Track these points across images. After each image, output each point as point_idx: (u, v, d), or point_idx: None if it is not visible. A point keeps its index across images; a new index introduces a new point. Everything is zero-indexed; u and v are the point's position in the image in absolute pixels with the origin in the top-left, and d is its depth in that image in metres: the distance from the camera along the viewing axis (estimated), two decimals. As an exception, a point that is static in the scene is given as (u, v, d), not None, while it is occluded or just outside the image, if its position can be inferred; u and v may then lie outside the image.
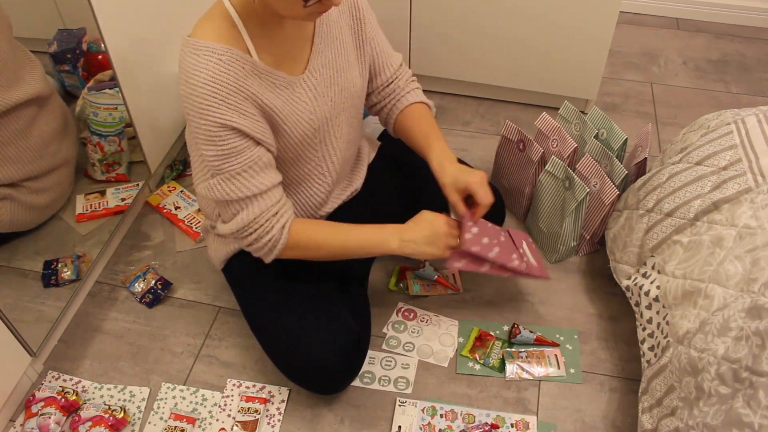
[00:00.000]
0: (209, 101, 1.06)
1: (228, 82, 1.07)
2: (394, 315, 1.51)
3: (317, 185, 1.32)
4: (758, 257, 1.09)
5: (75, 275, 1.52)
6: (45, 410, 1.29)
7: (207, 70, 1.05)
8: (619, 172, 1.53)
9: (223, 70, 1.06)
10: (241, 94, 1.09)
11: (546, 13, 1.83)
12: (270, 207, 1.17)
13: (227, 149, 1.10)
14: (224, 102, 1.07)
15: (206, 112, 1.06)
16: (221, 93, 1.06)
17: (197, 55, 1.06)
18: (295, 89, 1.18)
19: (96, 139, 1.64)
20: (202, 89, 1.05)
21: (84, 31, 1.64)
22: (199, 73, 1.05)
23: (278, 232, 1.18)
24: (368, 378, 1.39)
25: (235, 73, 1.08)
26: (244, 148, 1.11)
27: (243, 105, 1.09)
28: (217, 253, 1.38)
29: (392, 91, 1.40)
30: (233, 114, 1.08)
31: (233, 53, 1.07)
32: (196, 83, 1.05)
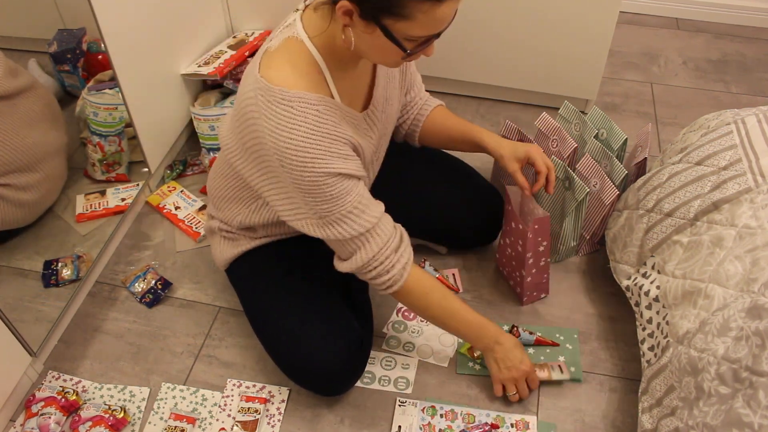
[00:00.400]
0: (313, 154, 1.04)
1: (328, 132, 1.06)
2: (394, 315, 1.51)
3: None
4: (758, 257, 1.09)
5: (75, 275, 1.52)
6: (45, 410, 1.30)
7: (307, 124, 1.03)
8: (619, 172, 1.53)
9: (322, 120, 1.05)
10: (341, 140, 1.08)
11: (546, 13, 1.83)
12: (387, 242, 1.16)
13: (335, 194, 1.09)
14: (328, 152, 1.06)
15: (311, 164, 1.05)
16: (324, 144, 1.05)
17: (291, 107, 1.02)
18: (362, 125, 1.18)
19: (96, 139, 1.64)
20: (303, 143, 1.03)
21: (84, 31, 1.64)
22: (299, 127, 1.03)
23: (399, 272, 1.18)
24: (368, 378, 1.39)
25: (332, 121, 1.07)
26: (350, 188, 1.10)
27: (343, 150, 1.09)
28: (223, 254, 1.37)
29: (410, 101, 1.42)
30: (337, 161, 1.07)
31: (326, 102, 1.06)
32: (296, 138, 1.03)
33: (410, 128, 1.45)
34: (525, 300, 1.52)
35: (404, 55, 1.00)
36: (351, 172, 1.10)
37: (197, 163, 1.88)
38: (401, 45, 0.98)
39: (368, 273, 1.18)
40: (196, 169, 1.87)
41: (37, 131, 1.51)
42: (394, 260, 1.17)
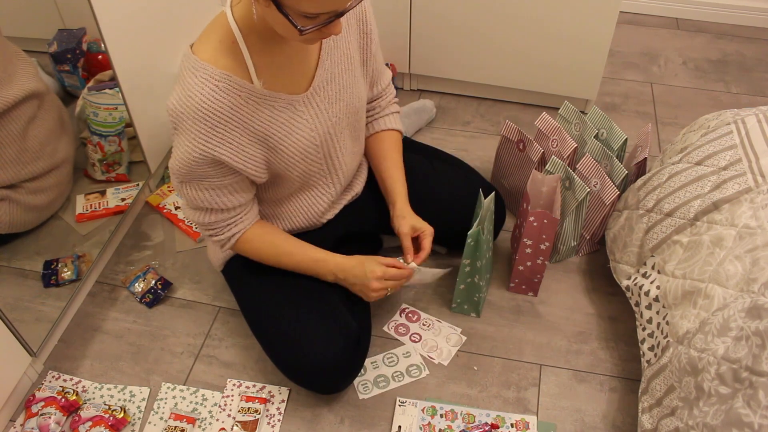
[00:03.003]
0: (197, 127, 1.06)
1: (220, 111, 1.07)
2: (398, 316, 1.51)
3: (321, 196, 1.33)
4: (758, 257, 1.09)
5: (75, 275, 1.52)
6: (45, 410, 1.29)
7: (202, 95, 1.05)
8: (619, 172, 1.53)
9: (217, 97, 1.06)
10: (232, 124, 1.09)
11: (546, 13, 1.83)
12: (226, 219, 1.22)
13: (197, 172, 1.12)
14: (212, 131, 1.07)
15: (192, 136, 1.07)
16: (211, 121, 1.07)
17: (195, 76, 1.05)
18: (296, 108, 1.17)
19: (96, 139, 1.64)
20: (193, 113, 1.06)
21: (84, 31, 1.64)
22: (194, 96, 1.05)
23: (227, 239, 1.25)
24: (383, 382, 1.39)
25: (229, 101, 1.07)
26: (214, 175, 1.13)
27: (231, 135, 1.10)
28: (216, 254, 1.38)
29: (372, 108, 1.40)
30: (218, 145, 1.09)
31: (231, 81, 1.07)
32: (189, 104, 1.05)
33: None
34: (511, 287, 1.53)
35: (299, 33, 0.98)
36: (227, 160, 1.11)
37: (197, 163, 1.88)
38: (293, 22, 0.97)
39: (203, 230, 1.26)
40: (196, 169, 1.86)
41: (54, 138, 1.53)
42: (226, 230, 1.24)
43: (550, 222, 1.37)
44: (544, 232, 1.39)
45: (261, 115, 1.13)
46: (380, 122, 1.41)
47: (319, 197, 1.33)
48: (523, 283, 1.52)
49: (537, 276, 1.50)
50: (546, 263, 1.46)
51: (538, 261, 1.46)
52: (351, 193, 1.41)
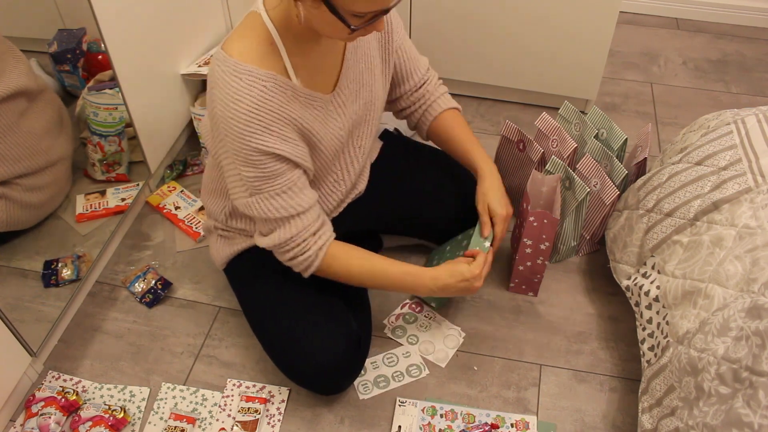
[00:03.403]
0: (252, 128, 1.06)
1: (272, 110, 1.07)
2: (399, 308, 1.51)
3: (333, 194, 1.33)
4: (758, 257, 1.09)
5: (75, 275, 1.52)
6: (45, 410, 1.29)
7: (251, 97, 1.05)
8: (619, 172, 1.53)
9: (267, 97, 1.06)
10: (284, 120, 1.09)
11: (546, 13, 1.83)
12: (308, 226, 1.18)
13: (267, 172, 1.10)
14: (267, 129, 1.07)
15: (248, 138, 1.06)
16: (265, 120, 1.06)
17: (240, 79, 1.04)
18: (328, 108, 1.18)
19: (96, 139, 1.64)
20: (245, 116, 1.05)
21: (84, 31, 1.64)
22: (243, 99, 1.04)
23: (314, 254, 1.20)
24: (384, 382, 1.39)
25: (278, 100, 1.08)
26: (284, 170, 1.12)
27: (285, 131, 1.10)
28: (219, 253, 1.38)
29: (422, 96, 1.41)
30: (275, 141, 1.08)
31: (277, 80, 1.07)
32: (239, 109, 1.05)
33: (419, 122, 1.44)
34: (511, 287, 1.53)
35: (350, 31, 1.00)
36: (287, 155, 1.11)
37: (197, 163, 1.88)
38: (345, 21, 0.98)
39: (286, 253, 1.20)
40: (196, 169, 1.87)
41: (50, 135, 1.52)
42: (311, 243, 1.19)
43: (550, 222, 1.37)
44: (544, 232, 1.39)
45: (303, 114, 1.13)
46: (435, 106, 1.41)
47: (329, 195, 1.33)
48: (523, 283, 1.52)
49: (537, 276, 1.50)
50: (546, 263, 1.46)
51: (538, 261, 1.46)
52: (355, 191, 1.41)
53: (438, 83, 1.43)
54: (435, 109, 1.41)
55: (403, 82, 1.38)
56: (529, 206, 1.42)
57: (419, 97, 1.40)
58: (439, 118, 1.41)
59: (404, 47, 1.33)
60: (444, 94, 1.43)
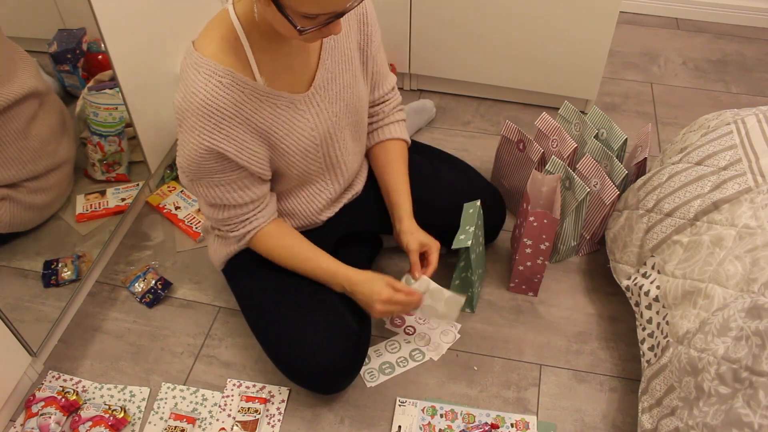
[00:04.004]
0: (202, 122, 1.07)
1: (224, 107, 1.07)
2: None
3: (320, 193, 1.33)
4: (758, 257, 1.09)
5: (75, 275, 1.52)
6: (45, 410, 1.29)
7: (206, 92, 1.05)
8: (619, 172, 1.53)
9: (221, 94, 1.06)
10: (236, 120, 1.10)
11: (546, 13, 1.83)
12: (241, 214, 1.23)
13: (206, 168, 1.13)
14: (216, 127, 1.08)
15: (196, 131, 1.08)
16: (215, 117, 1.07)
17: (198, 72, 1.05)
18: (297, 107, 1.17)
19: (96, 139, 1.64)
20: (197, 109, 1.06)
21: (84, 31, 1.64)
22: (198, 92, 1.05)
23: (241, 235, 1.26)
24: (389, 369, 1.40)
25: (233, 97, 1.08)
26: (224, 169, 1.14)
27: (235, 131, 1.10)
28: (216, 253, 1.38)
29: (376, 113, 1.40)
30: (222, 140, 1.09)
31: (234, 77, 1.07)
32: (193, 101, 1.06)
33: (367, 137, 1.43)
34: (511, 287, 1.53)
35: (299, 32, 0.99)
36: (231, 156, 1.11)
37: (197, 163, 1.88)
38: (292, 21, 0.97)
39: (218, 228, 1.28)
40: (196, 169, 1.86)
41: (55, 138, 1.53)
42: (240, 227, 1.25)
43: (550, 222, 1.37)
44: (544, 232, 1.39)
45: (263, 113, 1.13)
46: (384, 131, 1.40)
47: (317, 194, 1.33)
48: (523, 283, 1.52)
49: (537, 276, 1.50)
50: (546, 263, 1.46)
51: (538, 261, 1.46)
52: (351, 192, 1.41)
53: (397, 108, 1.42)
54: (384, 133, 1.40)
55: None
56: (529, 206, 1.43)
57: (374, 113, 1.39)
58: (384, 144, 1.40)
59: (377, 59, 1.32)
60: (399, 122, 1.41)
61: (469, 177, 1.54)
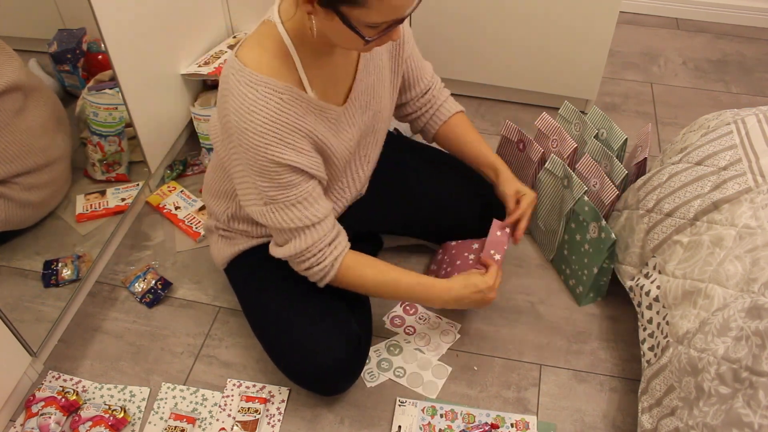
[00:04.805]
0: (268, 140, 1.06)
1: (288, 122, 1.07)
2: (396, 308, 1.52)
3: (337, 202, 1.34)
4: (758, 257, 1.09)
5: (75, 275, 1.52)
6: (45, 410, 1.29)
7: (267, 109, 1.04)
8: (619, 172, 1.52)
9: (283, 110, 1.06)
10: (299, 133, 1.09)
11: (546, 13, 1.83)
12: (323, 237, 1.18)
13: (282, 183, 1.10)
14: (282, 141, 1.07)
15: (264, 150, 1.06)
16: (280, 133, 1.06)
17: (256, 90, 1.04)
18: (341, 120, 1.18)
19: (96, 139, 1.64)
20: (261, 128, 1.05)
21: (84, 31, 1.64)
22: (260, 111, 1.04)
23: (329, 264, 1.20)
24: (384, 368, 1.40)
25: (294, 112, 1.08)
26: (300, 181, 1.12)
27: (300, 143, 1.10)
28: (220, 253, 1.38)
29: (428, 101, 1.41)
30: (291, 153, 1.08)
31: (293, 92, 1.07)
32: (255, 120, 1.04)
33: (425, 127, 1.45)
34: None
35: (365, 42, 0.99)
36: (302, 167, 1.11)
37: (197, 163, 1.88)
38: (359, 32, 0.98)
39: (301, 264, 1.20)
40: (196, 169, 1.87)
41: (47, 133, 1.52)
42: (326, 254, 1.19)
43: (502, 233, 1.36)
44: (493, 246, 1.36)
45: (318, 126, 1.13)
46: (442, 111, 1.42)
47: (335, 202, 1.34)
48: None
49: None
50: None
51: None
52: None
53: (442, 86, 1.44)
54: (443, 113, 1.42)
55: (409, 89, 1.38)
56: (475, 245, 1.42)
57: (425, 102, 1.41)
58: (448, 123, 1.42)
59: (413, 56, 1.34)
60: (448, 98, 1.44)
61: (469, 177, 1.54)
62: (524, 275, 1.60)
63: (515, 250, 1.66)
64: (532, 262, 1.64)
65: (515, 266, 1.62)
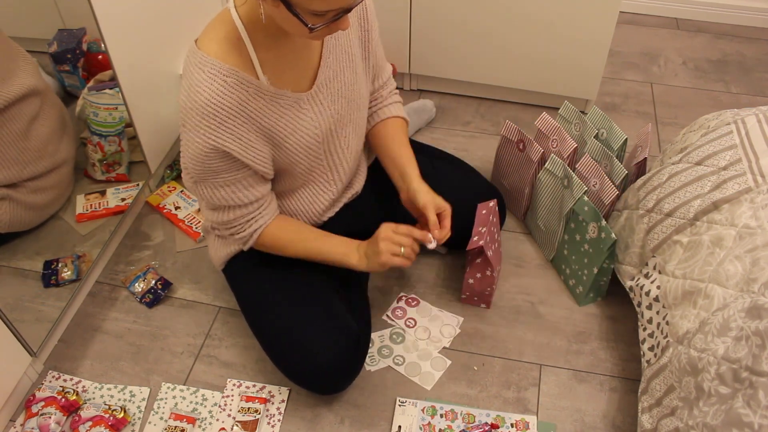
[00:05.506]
0: (207, 121, 1.07)
1: (229, 106, 1.07)
2: (395, 302, 1.52)
3: (323, 193, 1.33)
4: (758, 257, 1.09)
5: (75, 275, 1.52)
6: (45, 410, 1.30)
7: (210, 90, 1.05)
8: (619, 172, 1.52)
9: (226, 93, 1.06)
10: (240, 118, 1.10)
11: (546, 13, 1.83)
12: (246, 214, 1.23)
13: (211, 168, 1.13)
14: (222, 125, 1.08)
15: (201, 130, 1.08)
16: (220, 116, 1.07)
17: (203, 71, 1.05)
18: (301, 106, 1.18)
19: (96, 139, 1.64)
20: (201, 108, 1.06)
21: (84, 31, 1.64)
22: (202, 91, 1.05)
23: (249, 235, 1.25)
24: (384, 355, 1.40)
25: (238, 96, 1.08)
26: (229, 167, 1.14)
27: (240, 129, 1.10)
28: (217, 253, 1.38)
29: (374, 99, 1.40)
30: (227, 138, 1.09)
31: (239, 76, 1.07)
32: (198, 100, 1.06)
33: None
34: (463, 299, 1.52)
35: (309, 30, 0.99)
36: (236, 155, 1.11)
37: (197, 163, 1.88)
38: (303, 20, 0.98)
39: (225, 230, 1.27)
40: (196, 169, 1.87)
41: (55, 137, 1.53)
42: (246, 227, 1.24)
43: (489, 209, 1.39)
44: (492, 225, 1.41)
45: (267, 112, 1.13)
46: (384, 111, 1.41)
47: (320, 195, 1.33)
48: (475, 295, 1.51)
49: (488, 289, 1.48)
50: (495, 275, 1.44)
51: (488, 273, 1.44)
52: (351, 191, 1.41)
53: (394, 92, 1.43)
54: (384, 113, 1.40)
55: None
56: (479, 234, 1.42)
57: (372, 99, 1.40)
58: (383, 123, 1.40)
59: (377, 51, 1.33)
60: (395, 103, 1.42)
61: (469, 177, 1.54)
62: (524, 275, 1.60)
63: (515, 250, 1.66)
64: (532, 262, 1.64)
65: (515, 266, 1.62)
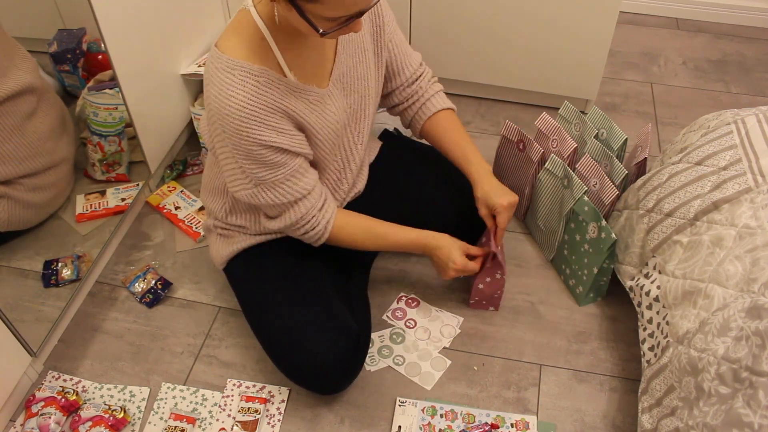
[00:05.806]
0: (248, 123, 1.07)
1: (266, 104, 1.09)
2: (395, 303, 1.52)
3: (336, 192, 1.34)
4: (758, 257, 1.09)
5: (75, 275, 1.52)
6: (45, 410, 1.30)
7: (244, 92, 1.06)
8: (619, 172, 1.52)
9: (260, 92, 1.08)
10: (279, 113, 1.11)
11: (546, 13, 1.83)
12: (314, 204, 1.23)
13: (269, 163, 1.13)
14: (263, 123, 1.09)
15: (245, 132, 1.08)
16: (260, 114, 1.08)
17: (233, 75, 1.06)
18: (325, 102, 1.19)
19: (96, 139, 1.64)
20: (240, 111, 1.07)
21: (84, 31, 1.64)
22: (236, 94, 1.06)
23: (323, 227, 1.26)
24: (384, 355, 1.39)
25: (272, 94, 1.09)
26: (286, 160, 1.14)
27: (280, 123, 1.11)
28: (219, 253, 1.38)
29: (415, 92, 1.40)
30: (272, 133, 1.10)
31: (269, 74, 1.09)
32: (233, 104, 1.06)
33: (412, 120, 1.44)
34: (471, 304, 1.52)
35: (321, 34, 1.01)
36: (285, 146, 1.12)
37: (197, 163, 1.88)
38: (314, 25, 0.99)
39: (297, 231, 1.26)
40: (196, 169, 1.87)
41: (54, 136, 1.53)
42: (319, 218, 1.25)
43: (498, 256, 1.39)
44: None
45: (300, 107, 1.15)
46: (429, 105, 1.41)
47: (333, 193, 1.34)
48: (483, 299, 1.50)
49: (497, 292, 1.48)
50: (504, 277, 1.45)
51: (497, 276, 1.44)
52: (354, 190, 1.42)
53: (432, 80, 1.43)
54: (429, 108, 1.41)
55: (395, 77, 1.38)
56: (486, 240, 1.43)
57: (412, 93, 1.40)
58: (434, 118, 1.41)
59: (395, 41, 1.33)
60: (438, 92, 1.42)
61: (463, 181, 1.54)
62: (524, 275, 1.60)
63: (515, 250, 1.66)
64: (532, 262, 1.64)
65: (515, 266, 1.62)
